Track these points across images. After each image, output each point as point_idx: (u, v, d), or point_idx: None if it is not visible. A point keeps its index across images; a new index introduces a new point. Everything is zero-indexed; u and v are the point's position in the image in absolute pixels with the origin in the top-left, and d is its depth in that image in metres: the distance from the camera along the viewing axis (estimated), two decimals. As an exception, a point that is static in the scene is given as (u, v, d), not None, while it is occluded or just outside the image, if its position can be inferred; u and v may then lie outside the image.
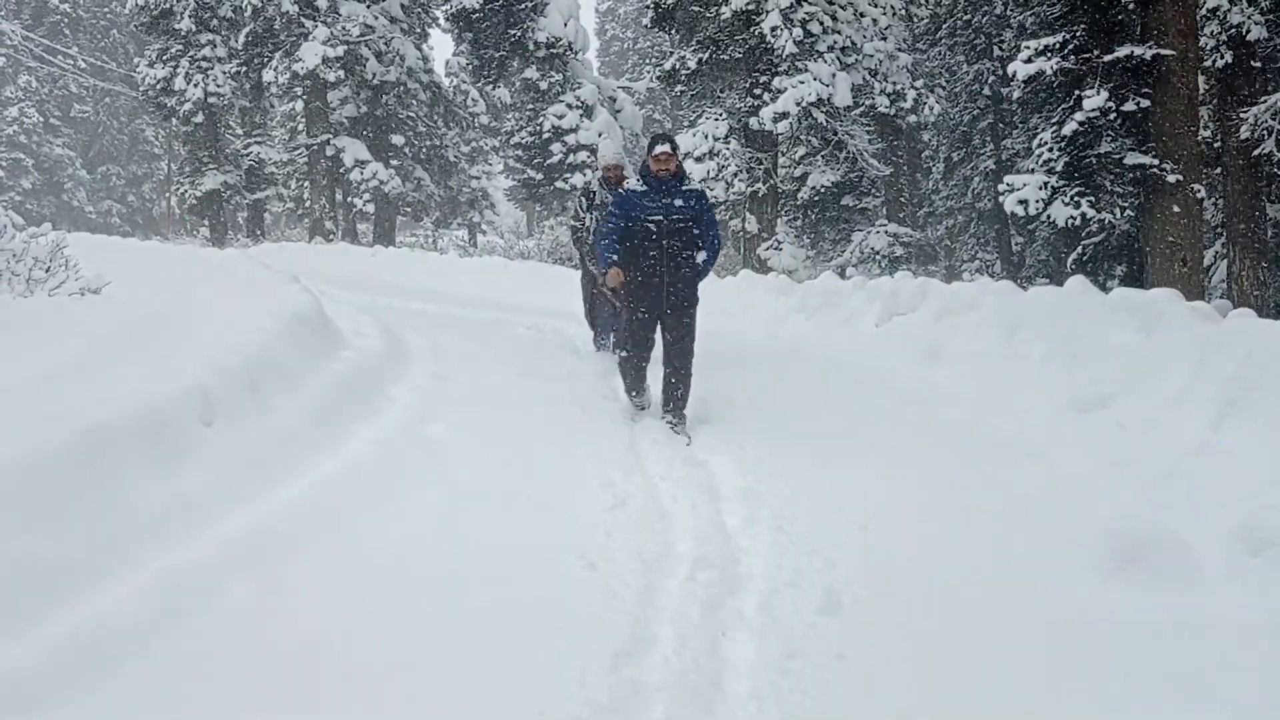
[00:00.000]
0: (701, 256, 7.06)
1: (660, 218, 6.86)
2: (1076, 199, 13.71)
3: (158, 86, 32.71)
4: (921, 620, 3.91)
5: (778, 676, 3.50)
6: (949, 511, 5.06)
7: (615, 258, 6.91)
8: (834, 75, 18.84)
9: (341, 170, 29.88)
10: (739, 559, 4.53)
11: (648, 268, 6.94)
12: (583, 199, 9.30)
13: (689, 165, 20.08)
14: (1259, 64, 15.12)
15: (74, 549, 3.72)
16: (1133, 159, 13.43)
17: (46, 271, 7.76)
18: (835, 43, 19.28)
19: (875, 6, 20.51)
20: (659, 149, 6.88)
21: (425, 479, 5.30)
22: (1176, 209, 13.15)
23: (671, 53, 21.82)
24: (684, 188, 6.98)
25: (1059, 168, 13.95)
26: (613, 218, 7.01)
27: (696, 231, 6.99)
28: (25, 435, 3.95)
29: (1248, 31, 13.97)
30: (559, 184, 26.77)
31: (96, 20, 54.15)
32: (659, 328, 7.14)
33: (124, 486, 4.16)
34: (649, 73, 27.90)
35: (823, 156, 21.50)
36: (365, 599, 3.93)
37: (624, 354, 7.31)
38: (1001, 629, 3.82)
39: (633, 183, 7.11)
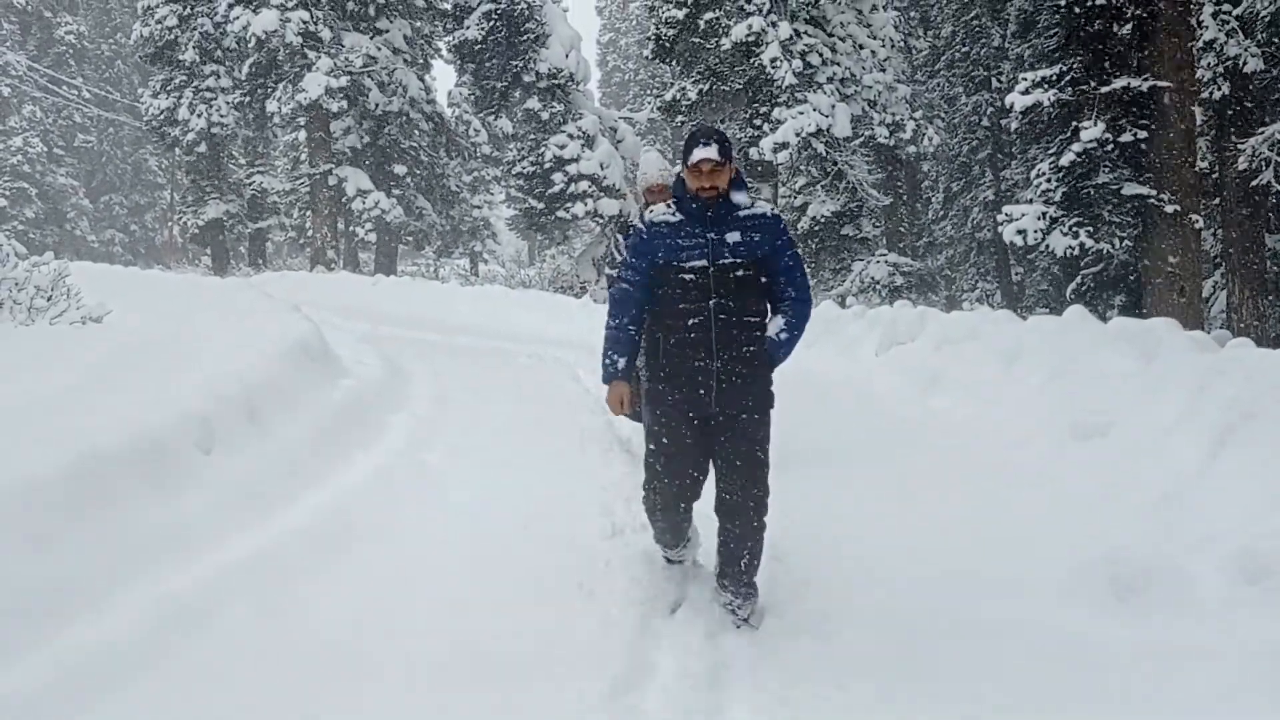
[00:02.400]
0: (779, 325, 4.18)
1: (703, 263, 4.09)
2: (1075, 229, 13.76)
3: (161, 116, 32.93)
4: (923, 648, 3.90)
5: (777, 706, 3.49)
6: (948, 539, 5.06)
7: (620, 361, 4.23)
8: (833, 106, 18.97)
9: (344, 200, 30.00)
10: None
11: (685, 349, 4.12)
12: (616, 237, 6.29)
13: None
14: (1256, 95, 15.21)
15: (74, 573, 3.73)
16: (1130, 189, 13.49)
17: (48, 300, 7.79)
18: (834, 74, 19.43)
19: (874, 39, 20.68)
20: (699, 154, 4.07)
21: (424, 506, 5.31)
22: (1174, 239, 13.19)
23: (672, 84, 22.00)
24: (743, 212, 4.17)
25: (1057, 198, 14.00)
26: (625, 277, 4.26)
27: (766, 282, 4.18)
28: (26, 460, 3.97)
29: (1244, 63, 14.06)
30: (560, 213, 26.87)
31: (101, 51, 54.53)
32: (706, 449, 4.25)
33: (123, 511, 4.17)
34: (650, 103, 28.04)
35: (822, 186, 21.58)
36: (363, 623, 3.93)
37: (650, 493, 4.34)
38: (1001, 655, 3.80)
39: (660, 210, 4.27)
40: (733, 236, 4.08)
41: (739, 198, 4.15)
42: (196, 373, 5.79)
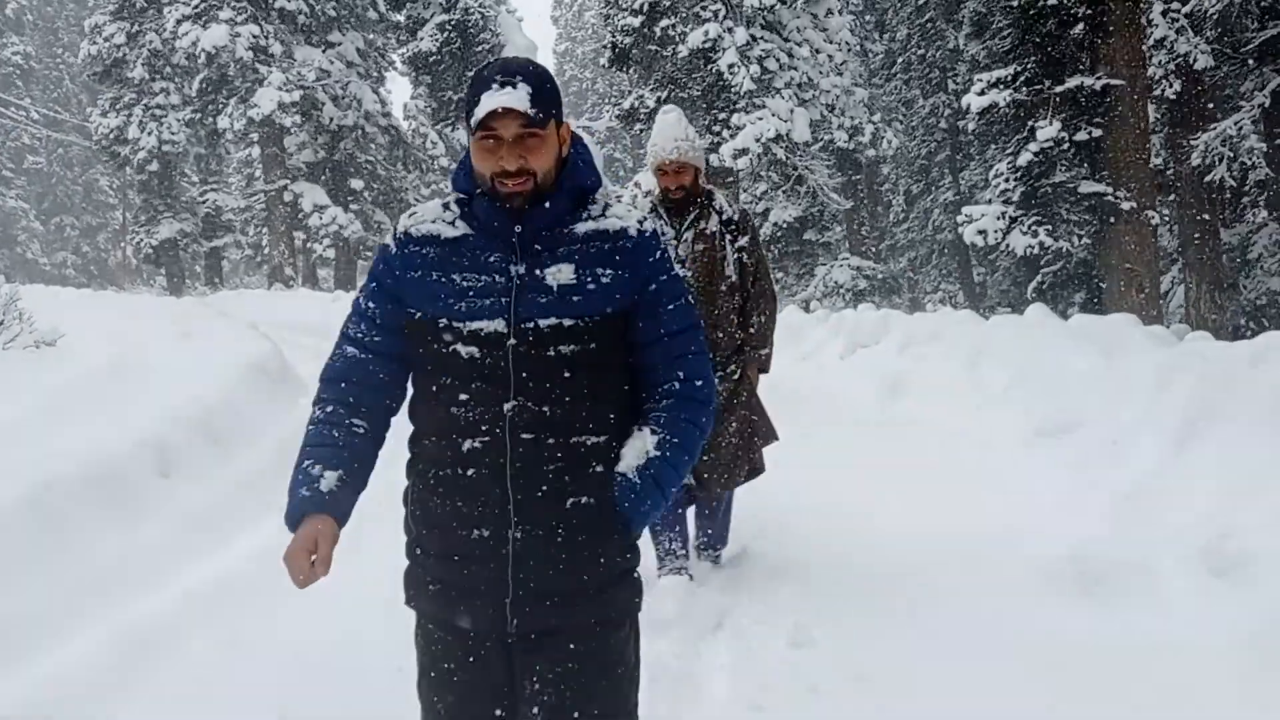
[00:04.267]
0: (640, 450, 2.10)
1: (496, 325, 2.01)
2: (1034, 228, 13.88)
3: (111, 135, 32.55)
4: (894, 645, 3.89)
5: (749, 713, 3.46)
6: (917, 540, 5.05)
7: (321, 480, 2.09)
8: (792, 111, 19.04)
9: (300, 216, 29.78)
10: (710, 612, 4.45)
11: (454, 499, 2.06)
12: None
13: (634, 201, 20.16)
14: (1208, 91, 15.42)
15: (31, 604, 3.65)
16: (1087, 187, 13.62)
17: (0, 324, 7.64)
18: (792, 79, 19.51)
19: (830, 43, 20.79)
20: (490, 101, 1.95)
21: (389, 526, 5.23)
22: (1132, 236, 13.33)
23: (630, 92, 21.98)
24: (587, 225, 2.07)
25: (1016, 197, 14.13)
26: (351, 333, 2.19)
27: (623, 364, 2.12)
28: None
29: (1195, 60, 14.25)
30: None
31: (49, 71, 53.87)
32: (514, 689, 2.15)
33: (81, 540, 4.08)
34: (608, 112, 28.04)
35: (783, 192, 21.66)
36: (329, 648, 3.86)
37: None
38: (972, 653, 3.79)
39: (427, 211, 2.16)
40: (559, 273, 2.01)
41: (591, 197, 2.11)
42: (153, 397, 5.69)
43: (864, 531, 5.28)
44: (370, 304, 2.11)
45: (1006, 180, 14.25)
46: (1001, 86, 14.06)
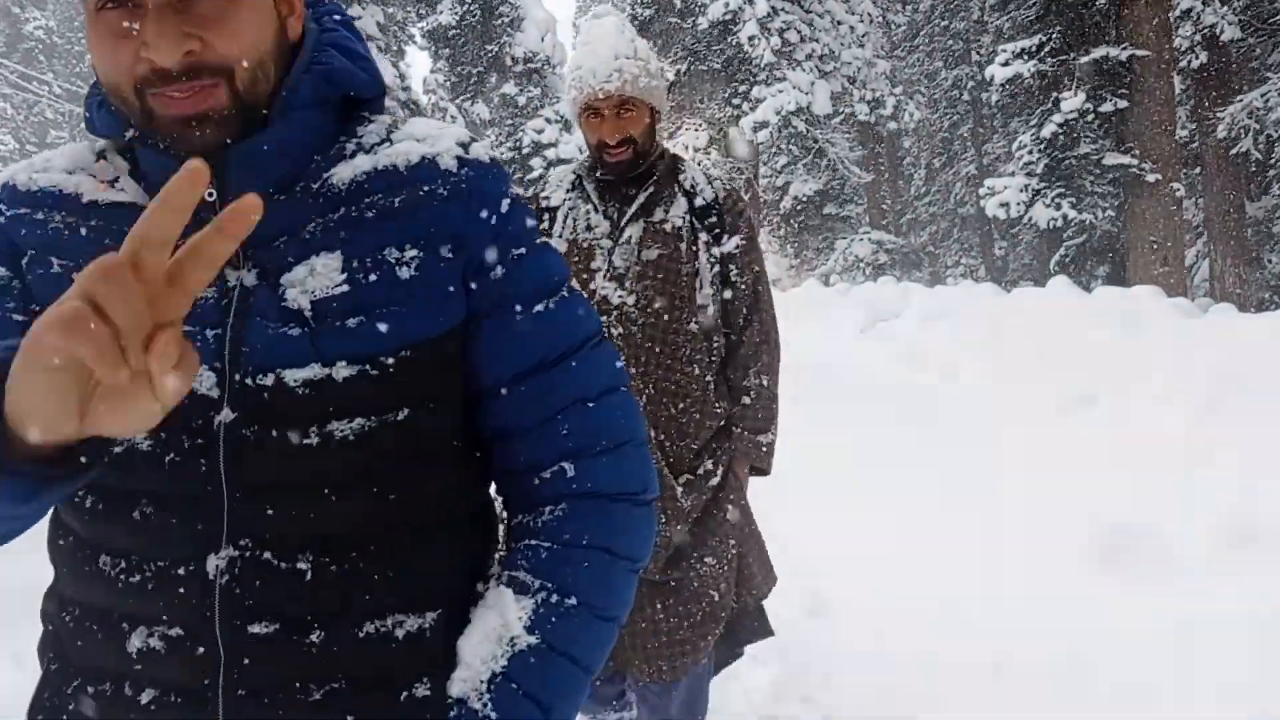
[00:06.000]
0: (483, 642, 0.99)
1: (205, 388, 0.93)
2: (1057, 200, 13.77)
3: (135, 110, 32.67)
4: (913, 615, 3.90)
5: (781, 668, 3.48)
6: (937, 512, 5.05)
7: None
8: (812, 83, 18.92)
9: (322, 190, 29.81)
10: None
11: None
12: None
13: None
14: (1234, 63, 15.23)
15: (46, 571, 3.69)
16: (1112, 159, 13.49)
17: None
18: (813, 51, 19.38)
19: (852, 14, 20.62)
20: None
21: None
22: (1156, 208, 13.21)
23: (650, 65, 21.87)
24: (367, 158, 1.01)
25: (1039, 170, 14.01)
26: None
27: (407, 445, 0.98)
28: None
29: (1221, 31, 14.06)
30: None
31: (71, 46, 54.06)
32: None
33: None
34: (628, 85, 27.94)
35: (804, 165, 21.55)
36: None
37: None
38: (988, 624, 3.80)
39: (57, 160, 1.05)
40: (314, 274, 0.96)
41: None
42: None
43: (882, 506, 5.28)
44: None
45: (1030, 152, 14.13)
46: (1026, 57, 13.93)
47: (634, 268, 2.52)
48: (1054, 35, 13.90)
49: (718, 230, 2.62)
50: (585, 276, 2.52)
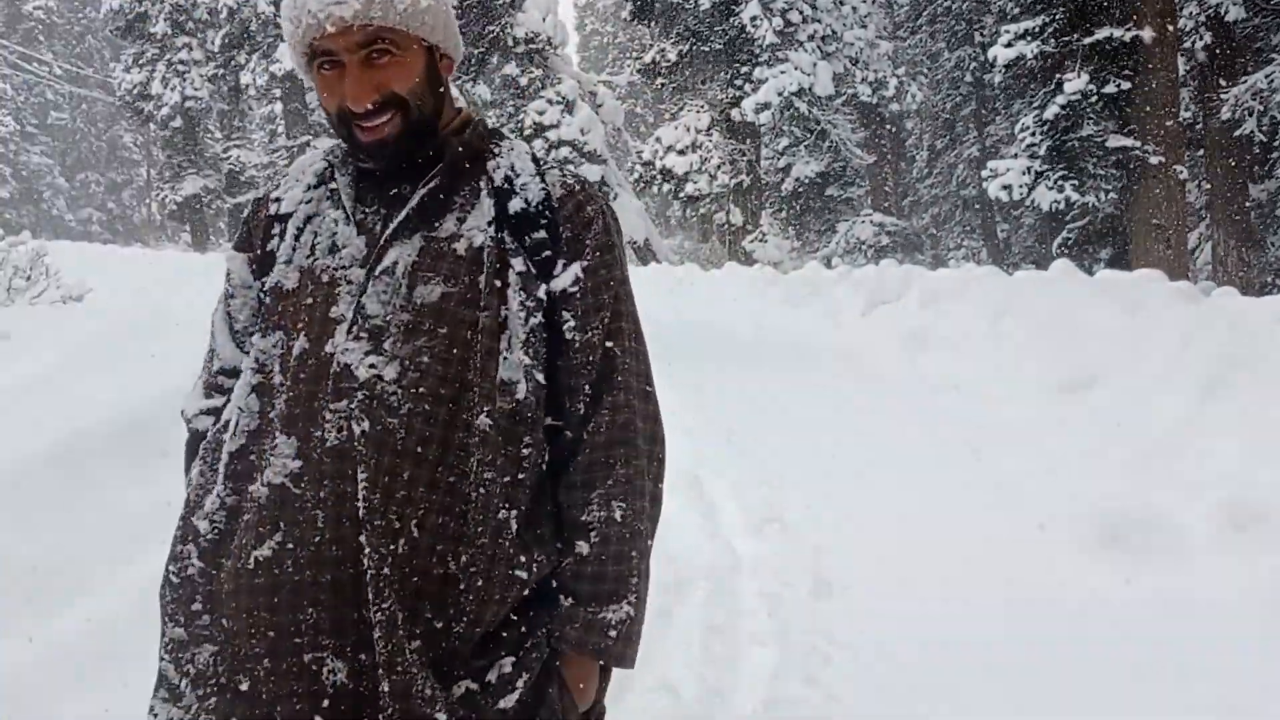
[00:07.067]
0: None
1: None
2: (1060, 183, 13.75)
3: (134, 91, 32.62)
4: (914, 595, 3.91)
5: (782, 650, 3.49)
6: (938, 494, 5.06)
7: None
8: (815, 64, 18.87)
9: (323, 171, 29.73)
10: (739, 565, 4.47)
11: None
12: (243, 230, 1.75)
13: (671, 159, 19.85)
14: (1238, 44, 15.17)
15: (61, 554, 3.71)
16: (1115, 141, 13.47)
17: (27, 280, 7.71)
18: (815, 31, 19.32)
19: (854, -6, 20.55)
20: None
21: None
22: (1159, 191, 13.18)
23: (651, 45, 21.81)
24: None
25: (1042, 152, 13.98)
26: None
27: None
28: (8, 441, 3.93)
29: (1226, 12, 14.01)
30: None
31: (71, 26, 53.87)
32: None
33: (110, 491, 4.14)
34: (629, 66, 27.85)
35: (805, 147, 21.50)
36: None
37: None
38: (989, 606, 3.81)
39: None
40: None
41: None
42: (180, 350, 5.73)
43: (883, 488, 5.29)
44: None
45: (1033, 134, 14.10)
46: (1029, 38, 13.89)
47: (399, 315, 1.44)
48: (1057, 16, 13.85)
49: (546, 253, 1.52)
50: (317, 331, 1.46)
